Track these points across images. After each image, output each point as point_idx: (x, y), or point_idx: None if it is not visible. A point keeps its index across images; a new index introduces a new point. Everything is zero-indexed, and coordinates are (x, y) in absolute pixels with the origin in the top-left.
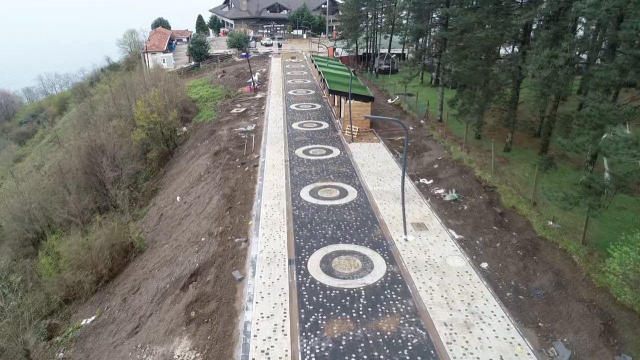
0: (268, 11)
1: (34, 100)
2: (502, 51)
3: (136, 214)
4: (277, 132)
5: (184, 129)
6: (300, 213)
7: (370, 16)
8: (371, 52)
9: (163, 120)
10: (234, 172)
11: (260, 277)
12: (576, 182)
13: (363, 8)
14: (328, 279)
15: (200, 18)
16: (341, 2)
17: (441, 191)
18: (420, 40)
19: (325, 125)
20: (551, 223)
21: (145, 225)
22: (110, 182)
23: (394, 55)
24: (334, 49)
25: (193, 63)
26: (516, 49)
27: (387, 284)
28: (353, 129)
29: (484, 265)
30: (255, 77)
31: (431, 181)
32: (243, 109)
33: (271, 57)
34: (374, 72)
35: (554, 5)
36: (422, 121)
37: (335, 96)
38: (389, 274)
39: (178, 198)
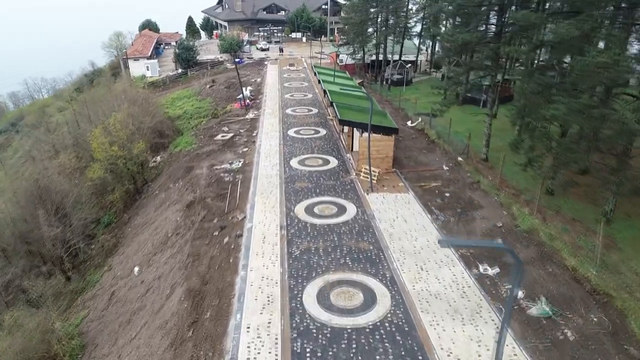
0: (264, 12)
1: (20, 106)
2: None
3: (88, 279)
4: (270, 174)
5: (158, 158)
6: (305, 344)
7: (380, 19)
8: (381, 59)
9: (126, 154)
10: (208, 243)
11: None
12: None
13: (372, 10)
14: None
15: (190, 20)
16: (344, 2)
17: (520, 294)
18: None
19: (333, 162)
20: None
21: (92, 305)
22: (51, 242)
23: (409, 65)
24: (338, 55)
25: (180, 70)
26: None
27: None
28: (372, 172)
29: None
30: (247, 92)
31: (496, 269)
32: (230, 135)
33: (267, 63)
34: (384, 83)
35: None
36: (459, 158)
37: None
38: None
39: (136, 269)
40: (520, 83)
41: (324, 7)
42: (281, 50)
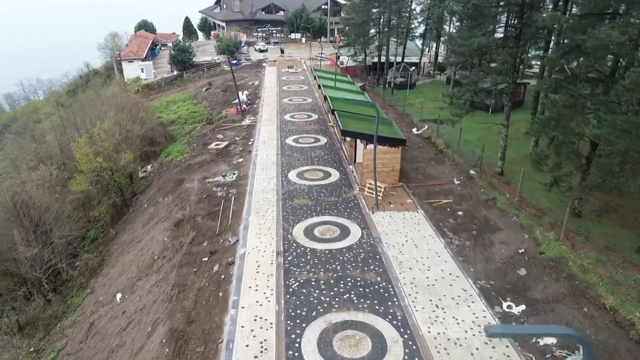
0: (263, 12)
1: (16, 107)
2: None
3: (69, 302)
4: (266, 189)
5: (148, 168)
6: None
7: (383, 20)
8: (383, 61)
9: (112, 165)
10: (196, 271)
11: None
12: None
13: (375, 10)
14: None
15: (187, 20)
16: (345, 1)
17: (552, 341)
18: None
19: (334, 175)
20: None
21: (71, 334)
22: (29, 262)
23: (413, 68)
24: (338, 57)
25: (176, 73)
26: None
27: None
28: (378, 188)
29: None
30: (243, 96)
31: (522, 307)
32: (225, 143)
33: (265, 65)
34: (387, 86)
35: None
36: (472, 171)
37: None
38: None
39: (119, 296)
40: (541, 90)
41: (323, 7)
42: (282, 51)
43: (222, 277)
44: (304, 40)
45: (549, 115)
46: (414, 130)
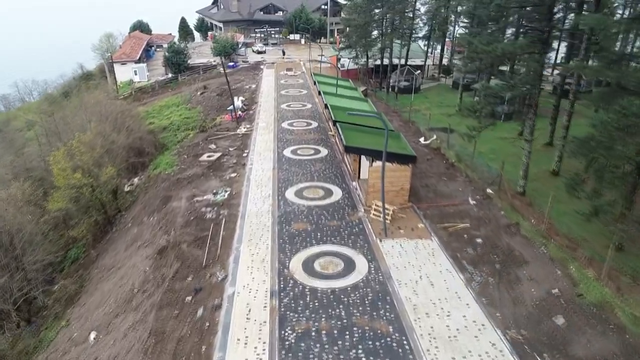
0: (261, 12)
1: (10, 109)
2: None
3: (42, 336)
4: (261, 211)
5: (135, 180)
6: None
7: (386, 22)
8: (386, 63)
9: (93, 181)
10: (177, 315)
11: None
12: None
13: (377, 10)
14: None
15: (184, 21)
16: (345, 1)
17: None
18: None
19: (336, 193)
20: None
21: None
22: None
23: (418, 72)
24: (338, 59)
25: (170, 75)
26: None
27: None
28: (386, 211)
29: None
30: (239, 102)
31: None
32: (217, 155)
33: (263, 67)
34: (390, 91)
35: None
36: (489, 190)
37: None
38: None
39: (93, 336)
40: (587, 104)
41: (323, 7)
42: (283, 52)
43: (207, 325)
44: (303, 41)
45: (591, 136)
46: (422, 140)
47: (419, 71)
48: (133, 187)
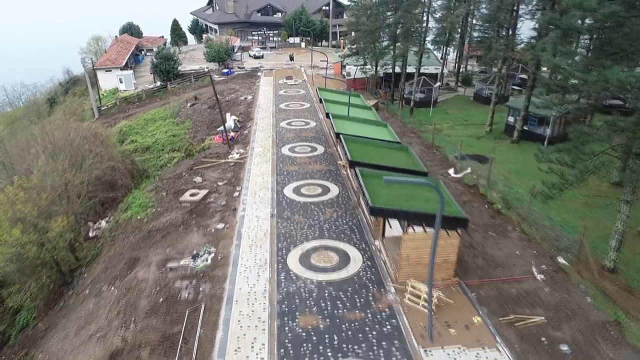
0: (259, 14)
1: None
2: None
3: None
4: (254, 291)
5: (103, 224)
6: None
7: (402, 27)
8: (399, 72)
9: (37, 238)
10: None
11: None
12: None
13: (389, 14)
14: None
15: (176, 23)
16: (350, 2)
17: None
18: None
19: (355, 258)
20: None
21: None
22: None
23: (438, 84)
24: (343, 67)
25: (158, 84)
26: None
27: None
28: (434, 298)
29: None
30: (231, 122)
31: None
32: (203, 193)
33: (260, 75)
34: (404, 104)
35: None
36: (561, 259)
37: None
38: None
39: None
40: None
41: (324, 8)
42: (291, 58)
43: None
44: (303, 44)
45: None
46: (451, 172)
47: (438, 84)
48: (100, 232)
